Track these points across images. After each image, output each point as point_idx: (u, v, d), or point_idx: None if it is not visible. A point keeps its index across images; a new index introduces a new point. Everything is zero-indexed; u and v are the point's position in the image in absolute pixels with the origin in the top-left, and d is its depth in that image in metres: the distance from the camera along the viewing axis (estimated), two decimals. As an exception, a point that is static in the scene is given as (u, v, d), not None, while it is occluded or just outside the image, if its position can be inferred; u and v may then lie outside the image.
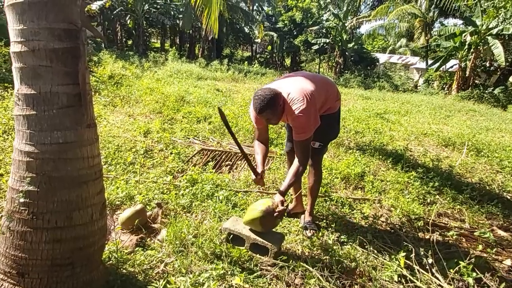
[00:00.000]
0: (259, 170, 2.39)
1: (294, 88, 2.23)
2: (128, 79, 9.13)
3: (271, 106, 2.11)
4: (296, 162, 2.27)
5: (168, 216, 2.60)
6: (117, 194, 2.77)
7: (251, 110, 2.37)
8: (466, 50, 16.24)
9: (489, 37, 15.11)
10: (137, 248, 2.14)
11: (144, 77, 10.04)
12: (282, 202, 2.21)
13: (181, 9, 23.58)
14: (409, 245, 2.31)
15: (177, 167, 3.68)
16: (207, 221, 2.62)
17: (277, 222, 2.29)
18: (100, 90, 7.21)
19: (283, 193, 2.24)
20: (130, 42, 27.48)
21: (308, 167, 2.59)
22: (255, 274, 2.00)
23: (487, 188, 4.01)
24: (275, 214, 2.17)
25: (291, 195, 3.01)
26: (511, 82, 17.55)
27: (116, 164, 3.52)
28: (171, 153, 4.04)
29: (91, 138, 1.60)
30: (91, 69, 8.56)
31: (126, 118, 5.49)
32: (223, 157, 4.14)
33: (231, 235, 2.28)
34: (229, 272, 1.99)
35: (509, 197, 3.85)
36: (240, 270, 2.05)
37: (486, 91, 16.12)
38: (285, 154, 3.01)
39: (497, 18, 14.64)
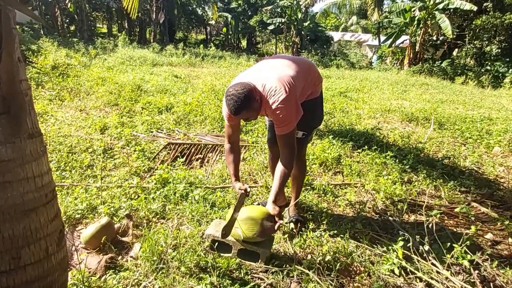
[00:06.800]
0: (236, 184, 2.16)
1: (269, 77, 1.96)
2: (74, 68, 8.28)
3: (247, 106, 1.84)
4: (281, 161, 2.02)
5: (140, 227, 2.28)
6: (76, 206, 2.38)
7: (224, 107, 2.09)
8: (416, 25, 16.85)
9: (436, 12, 15.77)
10: (108, 272, 1.83)
11: (93, 65, 9.18)
12: (280, 215, 2.00)
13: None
14: (404, 232, 2.22)
15: (143, 165, 3.31)
16: (185, 227, 2.34)
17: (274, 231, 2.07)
18: (43, 82, 6.43)
19: (276, 201, 2.01)
20: (72, 28, 25.20)
21: None
22: (249, 286, 1.79)
23: (456, 161, 4.09)
24: (276, 227, 1.96)
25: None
26: (456, 55, 18.60)
27: (71, 168, 3.08)
28: (134, 151, 3.63)
29: (36, 151, 1.25)
30: (30, 59, 7.60)
31: (77, 114, 4.92)
32: (192, 150, 3.83)
33: (216, 242, 2.04)
34: (219, 286, 1.77)
35: (476, 169, 3.96)
36: (230, 281, 1.83)
37: (435, 65, 16.96)
38: (267, 144, 2.73)
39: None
